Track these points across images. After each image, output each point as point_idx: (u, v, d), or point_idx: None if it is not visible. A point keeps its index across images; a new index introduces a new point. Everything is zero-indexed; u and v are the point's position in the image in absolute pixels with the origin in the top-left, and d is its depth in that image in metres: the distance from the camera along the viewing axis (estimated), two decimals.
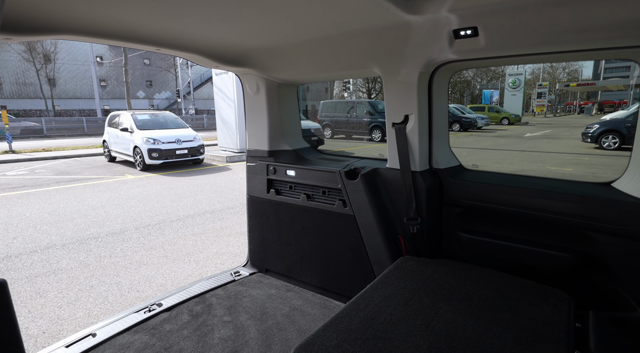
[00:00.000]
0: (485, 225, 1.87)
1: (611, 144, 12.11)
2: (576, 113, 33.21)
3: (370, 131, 17.47)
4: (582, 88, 32.27)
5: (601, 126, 12.52)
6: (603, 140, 12.29)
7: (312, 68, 2.06)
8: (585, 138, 12.93)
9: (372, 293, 1.49)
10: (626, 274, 1.50)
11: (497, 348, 1.15)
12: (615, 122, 12.36)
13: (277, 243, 2.52)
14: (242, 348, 1.78)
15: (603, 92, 30.49)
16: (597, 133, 12.46)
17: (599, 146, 12.39)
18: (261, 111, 2.43)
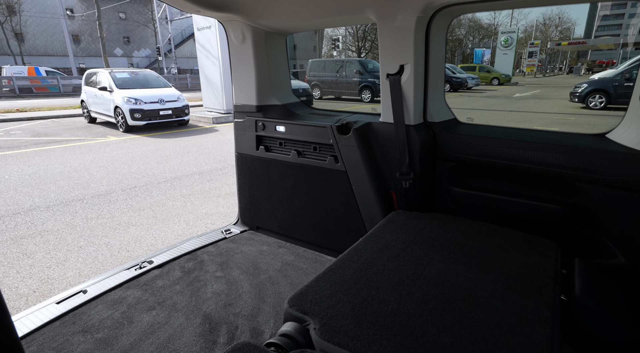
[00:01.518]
0: (477, 179, 1.87)
1: (597, 103, 12.18)
2: (565, 73, 33.07)
3: (360, 91, 17.10)
4: (573, 47, 31.82)
5: (589, 85, 12.50)
6: (590, 100, 12.35)
7: (303, 14, 1.91)
8: (573, 98, 12.96)
9: (365, 246, 1.50)
10: (611, 224, 1.53)
11: (487, 293, 1.17)
12: (603, 82, 12.34)
13: (267, 200, 2.49)
14: (235, 301, 1.80)
15: (593, 52, 30.21)
16: (585, 93, 12.47)
17: (586, 105, 12.47)
18: (248, 63, 2.29)
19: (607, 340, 1.17)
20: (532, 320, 1.05)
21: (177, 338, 1.55)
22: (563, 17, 37.69)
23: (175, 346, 1.51)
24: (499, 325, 1.03)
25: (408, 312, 1.09)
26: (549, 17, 38.26)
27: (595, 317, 1.19)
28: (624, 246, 1.53)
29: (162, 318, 1.67)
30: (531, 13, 38.81)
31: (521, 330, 1.01)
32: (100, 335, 1.56)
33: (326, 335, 1.01)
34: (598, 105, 12.18)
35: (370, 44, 42.27)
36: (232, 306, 1.76)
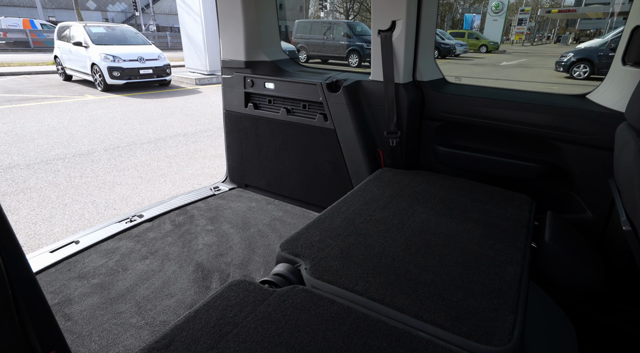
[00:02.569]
0: (461, 139, 1.93)
1: (581, 73, 12.31)
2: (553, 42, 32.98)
3: (347, 56, 16.66)
4: (562, 15, 31.51)
5: (575, 54, 12.55)
6: (574, 69, 12.46)
7: None
8: (559, 67, 13.04)
9: (353, 199, 1.56)
10: (582, 181, 1.64)
11: (465, 240, 1.26)
12: (588, 51, 12.40)
13: (256, 158, 2.51)
14: (226, 252, 1.87)
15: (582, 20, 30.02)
16: (570, 62, 12.55)
17: (570, 75, 12.59)
18: (236, 16, 2.22)
19: (569, 279, 1.30)
20: (505, 261, 1.15)
21: (171, 284, 1.62)
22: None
23: (170, 290, 1.58)
24: (474, 265, 1.13)
25: (392, 255, 1.18)
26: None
27: (560, 259, 1.31)
28: (592, 202, 1.65)
29: (156, 266, 1.73)
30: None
31: (494, 270, 1.11)
32: (96, 281, 1.61)
33: (316, 274, 1.09)
34: (582, 75, 12.32)
35: (359, 6, 40.70)
36: (223, 257, 1.83)
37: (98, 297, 1.53)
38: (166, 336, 0.86)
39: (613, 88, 1.60)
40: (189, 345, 0.83)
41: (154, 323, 1.41)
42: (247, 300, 0.98)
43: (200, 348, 0.83)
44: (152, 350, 0.81)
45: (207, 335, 0.86)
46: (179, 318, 0.94)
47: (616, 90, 1.58)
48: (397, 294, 1.00)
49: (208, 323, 0.90)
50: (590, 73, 12.17)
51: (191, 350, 0.82)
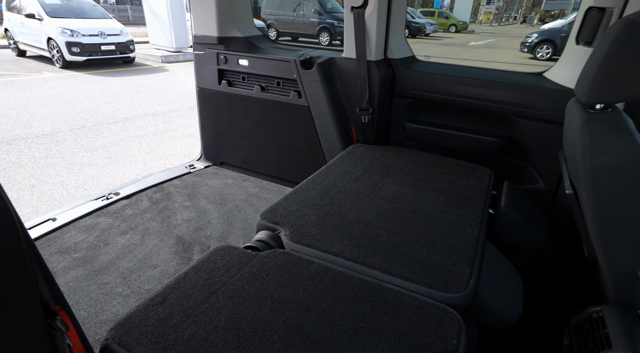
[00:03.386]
0: (429, 115, 2.05)
1: (544, 54, 12.78)
2: (519, 23, 33.83)
3: (317, 33, 16.38)
4: None
5: (539, 36, 12.97)
6: (538, 50, 12.92)
7: None
8: (523, 48, 13.44)
9: (327, 172, 1.66)
10: (536, 154, 1.81)
11: (431, 207, 1.40)
12: (551, 32, 12.84)
13: (231, 136, 2.54)
14: (206, 226, 1.93)
15: (547, 1, 30.90)
16: (534, 43, 12.97)
17: (534, 56, 13.06)
18: None
19: (520, 241, 1.48)
20: (464, 225, 1.29)
21: (154, 256, 1.67)
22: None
23: (153, 262, 1.63)
24: (438, 228, 1.26)
25: (365, 221, 1.29)
26: None
27: (513, 223, 1.48)
28: (544, 173, 1.82)
29: (137, 240, 1.77)
30: None
31: (455, 232, 1.25)
32: (78, 255, 1.64)
33: (295, 239, 1.19)
34: (545, 56, 12.79)
35: None
36: (202, 230, 1.89)
37: (82, 270, 1.56)
38: (159, 294, 0.93)
39: (567, 66, 1.74)
40: (181, 301, 0.91)
41: (140, 291, 1.47)
42: (232, 262, 1.07)
43: (192, 304, 0.91)
44: (147, 307, 0.89)
45: (197, 292, 0.95)
46: (170, 279, 1.01)
47: (569, 68, 1.72)
48: (369, 254, 1.12)
49: (198, 283, 0.98)
50: (552, 54, 12.64)
51: (184, 305, 0.90)
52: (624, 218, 0.97)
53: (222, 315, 0.88)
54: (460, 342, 0.84)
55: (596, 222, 1.02)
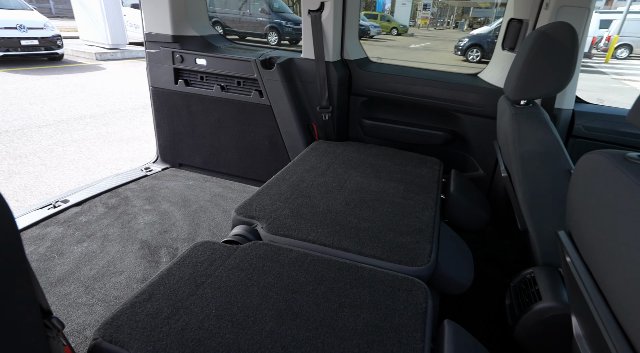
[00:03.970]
0: (383, 112, 2.20)
1: (474, 57, 13.99)
2: (452, 28, 36.46)
3: (265, 33, 16.25)
4: (458, 2, 34.97)
5: (469, 40, 14.18)
6: (469, 53, 14.10)
7: None
8: (457, 51, 14.59)
9: (294, 168, 1.72)
10: (475, 145, 2.03)
11: (392, 194, 1.52)
12: (479, 37, 14.12)
13: (190, 136, 2.49)
14: (171, 229, 1.89)
15: (474, 9, 33.74)
16: (466, 47, 14.16)
17: (466, 58, 14.22)
18: None
19: (467, 220, 1.67)
20: (422, 208, 1.44)
21: (117, 263, 1.61)
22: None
23: (117, 268, 1.57)
24: (400, 213, 1.39)
25: (335, 210, 1.38)
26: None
27: (461, 206, 1.66)
28: (482, 162, 2.06)
29: (96, 248, 1.69)
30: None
31: (415, 215, 1.38)
32: None
33: (272, 230, 1.24)
34: (475, 58, 14.00)
35: None
36: (168, 233, 1.85)
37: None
38: (145, 291, 0.93)
39: (496, 68, 1.99)
40: (169, 296, 0.92)
41: (107, 298, 1.41)
42: (214, 256, 1.09)
43: (180, 297, 0.92)
44: (134, 304, 0.89)
45: (184, 286, 0.96)
46: (153, 277, 1.01)
47: (498, 70, 1.98)
48: (342, 239, 1.21)
49: (182, 277, 0.99)
50: (481, 57, 13.89)
51: (172, 299, 0.91)
52: (547, 192, 1.17)
53: (212, 305, 0.91)
54: (427, 306, 0.97)
55: (526, 198, 1.21)
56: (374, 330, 0.88)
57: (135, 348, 0.78)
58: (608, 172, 0.62)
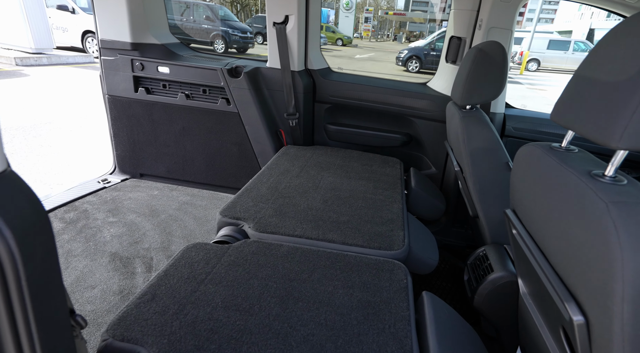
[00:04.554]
0: (346, 118, 2.35)
1: (414, 67, 15.03)
2: (392, 40, 38.64)
3: (211, 41, 15.92)
4: (396, 17, 37.21)
5: (409, 52, 15.20)
6: (409, 64, 15.11)
7: None
8: (398, 62, 15.54)
9: (269, 172, 1.79)
10: (428, 146, 2.26)
11: (364, 191, 1.66)
12: (417, 50, 15.21)
13: (152, 145, 2.43)
14: (141, 239, 1.84)
15: (410, 23, 36.14)
16: (406, 58, 15.15)
17: (407, 69, 15.20)
18: None
19: (427, 211, 1.87)
20: (391, 202, 1.59)
21: (88, 277, 1.55)
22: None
23: (89, 283, 1.51)
24: (373, 206, 1.52)
25: (315, 208, 1.47)
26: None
27: (421, 199, 1.85)
28: (434, 161, 2.29)
29: (61, 264, 1.60)
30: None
31: (386, 208, 1.53)
32: None
33: (260, 229, 1.30)
34: (414, 69, 15.03)
35: None
36: (139, 244, 1.81)
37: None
38: (146, 292, 0.95)
39: (442, 79, 2.25)
40: (172, 294, 0.95)
41: (83, 311, 1.36)
42: (209, 256, 1.13)
43: (183, 294, 0.96)
44: (139, 305, 0.90)
45: (185, 285, 0.99)
46: (151, 279, 1.02)
47: (444, 80, 2.24)
48: (327, 232, 1.31)
49: (182, 277, 1.02)
50: (420, 68, 14.95)
51: (176, 297, 0.94)
52: (492, 181, 1.39)
53: (217, 298, 0.96)
54: (407, 281, 1.12)
55: (476, 187, 1.42)
56: (367, 304, 1.00)
57: (150, 343, 0.80)
58: (540, 158, 0.80)
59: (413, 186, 1.88)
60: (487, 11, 1.86)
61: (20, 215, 0.42)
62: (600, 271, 0.57)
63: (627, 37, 0.60)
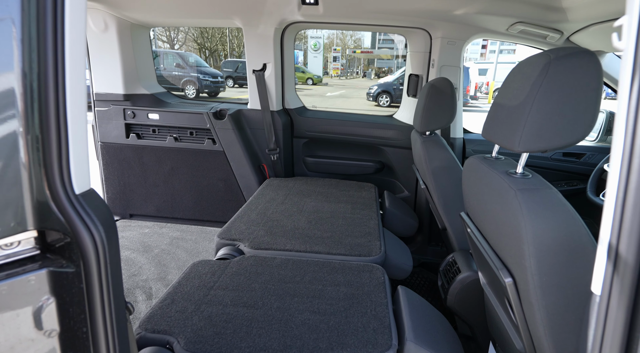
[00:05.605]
0: (322, 150, 2.61)
1: (385, 102, 15.87)
2: (361, 77, 40.71)
3: (183, 87, 16.34)
4: (364, 55, 39.50)
5: (379, 88, 16.12)
6: (379, 99, 15.97)
7: (171, 11, 2.17)
8: (369, 97, 16.38)
9: (256, 201, 1.98)
10: (399, 171, 2.53)
11: (343, 212, 1.87)
12: (387, 85, 16.15)
13: (141, 186, 2.59)
14: (138, 272, 1.96)
15: (378, 60, 38.40)
16: (376, 93, 16.03)
17: (378, 104, 16.03)
18: (111, 52, 2.34)
19: (401, 229, 2.08)
20: (368, 219, 1.80)
21: None
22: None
23: None
24: (352, 224, 1.74)
25: (301, 228, 1.67)
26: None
27: (396, 217, 2.08)
28: (406, 185, 2.54)
29: None
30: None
31: (365, 223, 1.74)
32: None
33: (255, 246, 1.48)
34: (385, 103, 15.88)
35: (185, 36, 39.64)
36: (137, 276, 1.93)
37: None
38: (166, 298, 1.12)
39: (406, 110, 2.56)
40: (188, 298, 1.13)
41: None
42: (214, 269, 1.30)
43: (197, 298, 1.14)
44: (162, 307, 1.08)
45: (198, 291, 1.17)
46: (167, 288, 1.19)
47: (407, 112, 2.55)
48: (313, 245, 1.51)
49: (194, 285, 1.19)
50: (390, 102, 15.80)
51: (191, 300, 1.12)
52: (452, 194, 1.64)
53: (226, 299, 1.14)
54: (385, 279, 1.32)
55: (440, 201, 1.66)
56: (352, 296, 1.20)
57: (177, 333, 1.00)
58: (477, 166, 1.05)
59: (387, 206, 2.11)
60: (437, 53, 2.21)
61: (103, 219, 0.60)
62: (514, 238, 0.80)
63: (519, 75, 0.87)
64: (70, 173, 0.55)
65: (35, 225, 0.53)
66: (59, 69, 0.50)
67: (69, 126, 0.53)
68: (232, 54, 32.43)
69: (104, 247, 0.57)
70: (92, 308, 0.58)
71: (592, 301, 0.54)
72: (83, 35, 0.54)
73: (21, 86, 0.47)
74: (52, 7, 0.48)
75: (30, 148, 0.50)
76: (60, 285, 0.55)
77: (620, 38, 0.48)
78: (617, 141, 0.48)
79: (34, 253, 0.55)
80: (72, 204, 0.55)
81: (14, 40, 0.46)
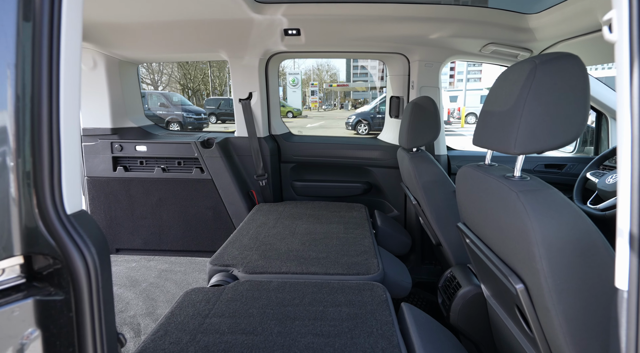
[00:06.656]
0: (310, 174, 2.64)
1: (363, 130, 16.35)
2: (339, 109, 41.92)
3: (166, 125, 16.40)
4: (340, 88, 40.96)
5: (357, 117, 16.66)
6: (358, 127, 16.45)
7: (158, 48, 2.23)
8: (348, 127, 16.85)
9: (248, 226, 1.96)
10: (387, 190, 2.57)
11: (336, 233, 1.87)
12: (364, 115, 16.74)
13: (128, 219, 2.52)
14: (125, 309, 1.87)
15: (354, 92, 39.85)
16: (355, 122, 16.53)
17: (357, 132, 16.48)
18: (100, 88, 2.35)
19: (395, 247, 2.09)
20: (362, 238, 1.81)
21: None
22: (330, 64, 48.22)
23: None
24: (347, 243, 1.73)
25: (295, 250, 1.65)
26: (321, 64, 48.03)
27: (389, 235, 2.09)
28: (395, 204, 2.58)
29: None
30: (307, 60, 48.05)
31: (359, 242, 1.74)
32: None
33: (249, 271, 1.45)
34: (364, 131, 16.35)
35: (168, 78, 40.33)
36: (124, 312, 1.83)
37: None
38: (158, 330, 1.06)
39: (390, 131, 2.65)
40: (182, 328, 1.06)
41: None
42: (208, 296, 1.25)
43: (192, 328, 1.07)
44: (154, 340, 1.01)
45: (192, 320, 1.11)
46: (160, 319, 1.13)
47: (390, 132, 2.64)
48: (309, 266, 1.48)
49: (187, 314, 1.14)
50: (369, 130, 16.29)
51: (186, 330, 1.06)
52: (446, 208, 1.67)
53: (223, 326, 1.08)
54: (387, 296, 1.29)
55: (433, 216, 1.69)
56: (355, 316, 1.16)
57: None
58: (472, 174, 1.08)
59: (379, 225, 2.12)
60: (416, 74, 2.33)
61: (96, 241, 0.59)
62: (522, 241, 0.77)
63: (505, 82, 0.92)
64: (62, 190, 0.50)
65: (21, 250, 0.48)
66: (53, 83, 0.49)
67: (61, 139, 0.50)
68: (213, 93, 32.91)
69: (96, 271, 0.53)
70: (81, 340, 0.53)
71: (619, 298, 0.49)
72: (78, 74, 0.53)
73: (13, 105, 0.45)
74: (47, 52, 0.47)
75: (18, 164, 0.46)
76: (46, 316, 0.50)
77: (611, 31, 0.47)
78: (623, 126, 0.46)
79: (18, 282, 0.50)
80: (63, 225, 0.50)
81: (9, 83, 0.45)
